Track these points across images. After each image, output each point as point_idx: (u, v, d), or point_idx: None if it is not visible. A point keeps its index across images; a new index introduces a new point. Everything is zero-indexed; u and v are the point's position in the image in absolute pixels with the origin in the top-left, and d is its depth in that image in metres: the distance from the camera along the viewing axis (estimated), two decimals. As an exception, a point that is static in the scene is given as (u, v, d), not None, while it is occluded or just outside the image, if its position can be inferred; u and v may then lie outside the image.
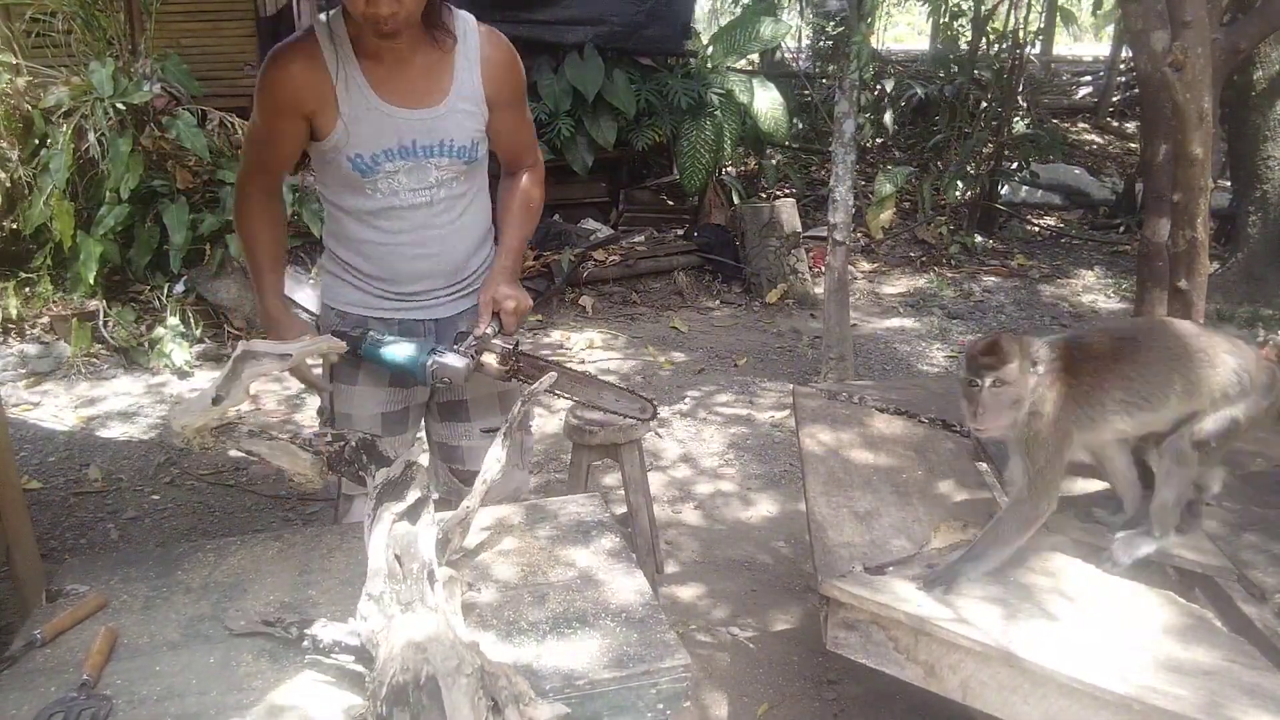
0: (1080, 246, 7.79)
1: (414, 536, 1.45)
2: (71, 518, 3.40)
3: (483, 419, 2.13)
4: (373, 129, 1.80)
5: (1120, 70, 10.94)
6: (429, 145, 1.83)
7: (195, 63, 5.98)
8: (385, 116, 1.79)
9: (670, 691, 1.37)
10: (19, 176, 4.89)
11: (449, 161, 1.86)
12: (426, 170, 1.85)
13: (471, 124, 1.86)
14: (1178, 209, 1.97)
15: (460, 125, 1.84)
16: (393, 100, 1.79)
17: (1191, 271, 2.01)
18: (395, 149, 1.81)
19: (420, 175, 1.85)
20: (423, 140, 1.82)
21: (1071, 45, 16.63)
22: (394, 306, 1.99)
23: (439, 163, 1.85)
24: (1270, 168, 5.90)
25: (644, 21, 6.65)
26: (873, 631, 1.65)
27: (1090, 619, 1.58)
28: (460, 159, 1.87)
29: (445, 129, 1.83)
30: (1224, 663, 1.46)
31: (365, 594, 1.35)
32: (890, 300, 6.41)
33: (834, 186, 4.66)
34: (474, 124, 1.87)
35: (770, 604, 2.88)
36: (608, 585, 1.59)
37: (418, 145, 1.82)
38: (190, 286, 5.14)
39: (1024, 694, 1.50)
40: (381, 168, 1.82)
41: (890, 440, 2.34)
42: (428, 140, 1.82)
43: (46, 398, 4.45)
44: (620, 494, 3.17)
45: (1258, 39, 2.27)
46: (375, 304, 1.99)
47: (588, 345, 5.39)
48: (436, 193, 1.88)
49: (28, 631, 1.45)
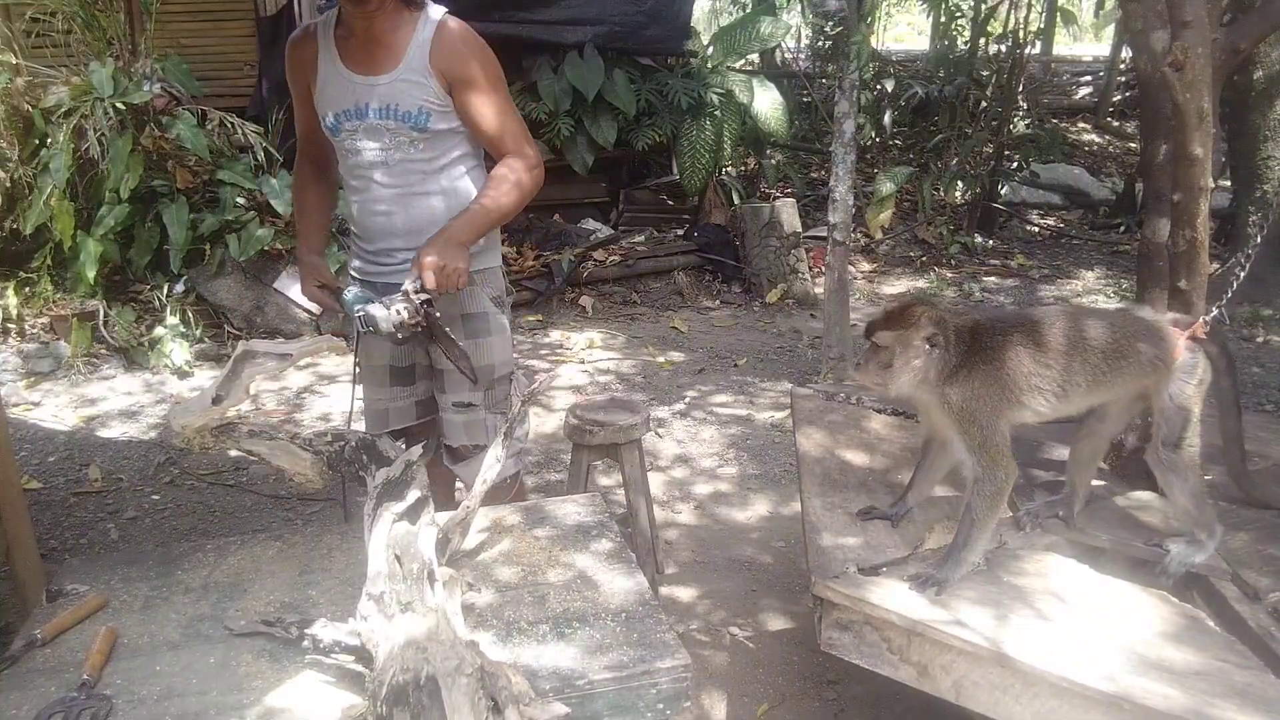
0: (1080, 246, 7.79)
1: (414, 536, 1.45)
2: (71, 518, 3.40)
3: (455, 392, 2.24)
4: (336, 92, 2.06)
5: (1120, 70, 10.94)
6: (378, 108, 2.03)
7: (195, 63, 5.99)
8: (345, 81, 2.05)
9: (670, 691, 1.37)
10: (19, 176, 4.89)
11: (395, 125, 2.04)
12: (379, 132, 2.05)
13: (418, 93, 2.02)
14: (1178, 209, 1.97)
15: (405, 93, 2.02)
16: (353, 68, 2.04)
17: (1191, 271, 2.01)
18: (351, 109, 2.04)
19: (374, 135, 2.06)
20: (373, 104, 2.03)
21: (1071, 45, 16.62)
22: (370, 268, 2.21)
23: (388, 125, 2.04)
24: (1270, 168, 5.90)
25: (644, 21, 6.64)
26: (866, 632, 1.66)
27: (1082, 619, 1.59)
28: (406, 124, 2.04)
29: (392, 95, 2.02)
30: (1216, 662, 1.47)
31: (365, 594, 1.35)
32: (890, 300, 6.41)
33: (834, 186, 4.66)
34: (420, 94, 2.02)
35: (770, 604, 2.88)
36: (607, 585, 1.59)
37: (369, 108, 2.03)
38: (190, 286, 5.14)
39: (1015, 694, 1.50)
40: (343, 128, 2.07)
41: (886, 441, 2.34)
42: (377, 104, 2.03)
43: (46, 398, 4.45)
44: (620, 494, 3.17)
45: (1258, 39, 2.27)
46: (360, 265, 2.24)
47: (588, 345, 5.39)
48: (391, 154, 2.07)
49: (28, 631, 1.46)
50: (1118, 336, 1.75)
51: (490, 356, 2.22)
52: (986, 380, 1.69)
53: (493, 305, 2.23)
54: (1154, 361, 1.75)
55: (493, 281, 2.26)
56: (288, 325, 5.22)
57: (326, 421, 4.24)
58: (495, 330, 2.24)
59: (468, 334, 2.19)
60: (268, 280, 5.24)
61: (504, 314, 2.28)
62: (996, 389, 1.69)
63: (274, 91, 6.29)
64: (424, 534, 1.47)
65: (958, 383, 1.69)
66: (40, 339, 4.90)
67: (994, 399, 1.69)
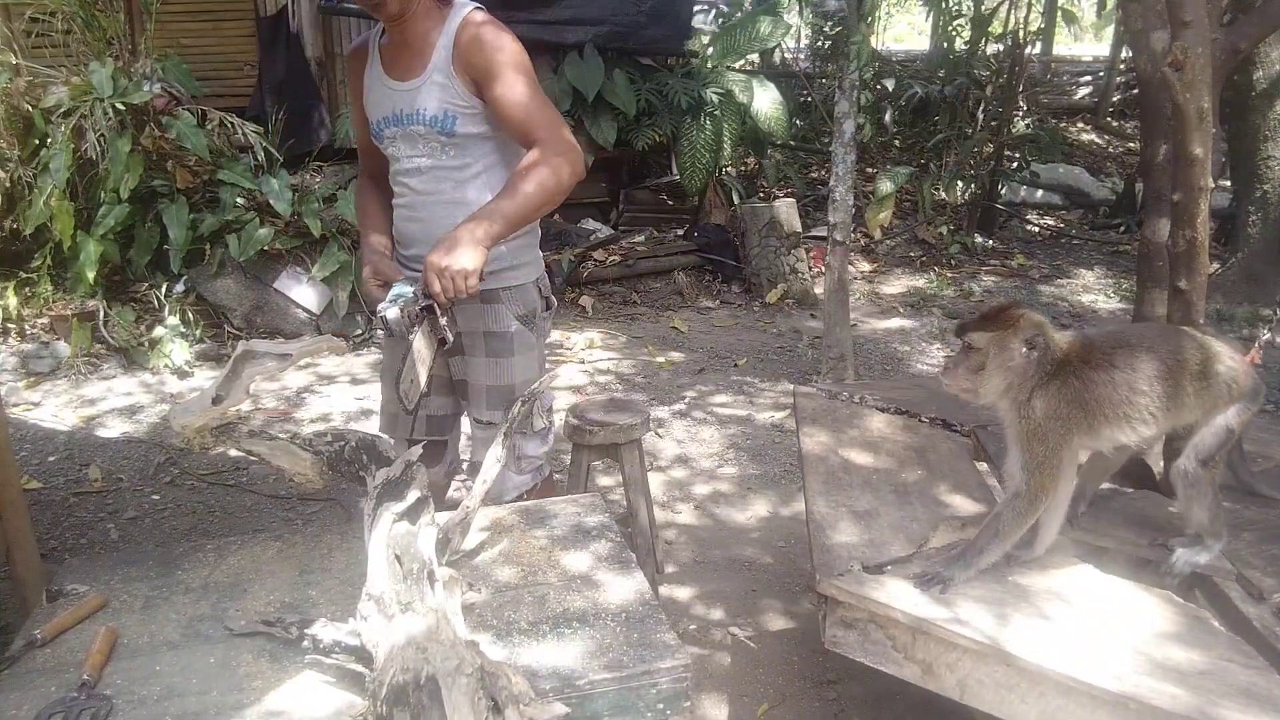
0: (1080, 246, 7.79)
1: (414, 536, 1.45)
2: (71, 518, 3.40)
3: (477, 409, 2.21)
4: (377, 98, 2.08)
5: (1120, 70, 10.94)
6: (410, 114, 2.01)
7: (195, 63, 5.99)
8: (385, 88, 2.05)
9: (670, 691, 1.37)
10: (19, 176, 4.89)
11: (425, 130, 2.01)
12: (414, 138, 2.04)
13: (444, 95, 1.98)
14: (1178, 209, 1.97)
15: (433, 96, 1.99)
16: (391, 74, 2.05)
17: (1191, 271, 2.01)
18: (390, 116, 2.04)
19: (410, 143, 2.05)
20: (405, 109, 2.02)
21: (1071, 45, 16.62)
22: (406, 274, 2.07)
23: (419, 130, 2.02)
24: (1270, 168, 5.90)
25: (645, 21, 6.63)
26: (871, 630, 1.65)
27: (1087, 618, 1.59)
28: (434, 128, 2.00)
29: (421, 100, 2.00)
30: (1221, 662, 1.46)
31: (365, 594, 1.35)
32: (890, 300, 6.40)
33: (834, 186, 4.66)
34: (447, 96, 1.98)
35: (770, 604, 2.87)
36: (607, 585, 1.59)
37: (403, 114, 2.02)
38: (190, 286, 5.14)
39: (1021, 693, 1.50)
40: (384, 134, 2.07)
41: (890, 440, 2.34)
42: (409, 109, 2.01)
43: (46, 398, 4.45)
44: (620, 494, 3.17)
45: (1258, 39, 2.27)
46: (403, 271, 2.09)
47: (588, 345, 5.39)
48: (424, 161, 2.05)
49: (28, 631, 1.45)
50: (1205, 361, 1.69)
51: (511, 377, 2.14)
52: (1072, 400, 1.62)
53: (518, 324, 2.14)
54: (1229, 385, 1.71)
55: (522, 299, 2.15)
56: (288, 325, 5.22)
57: (326, 421, 4.23)
58: (520, 350, 2.14)
59: (489, 352, 2.13)
60: (268, 280, 5.23)
61: (534, 332, 2.18)
62: (1080, 412, 1.63)
63: (272, 91, 6.29)
64: (424, 534, 1.47)
65: (1043, 395, 1.62)
66: (40, 339, 4.90)
67: (1073, 421, 1.63)
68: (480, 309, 2.10)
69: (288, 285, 5.24)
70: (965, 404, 1.80)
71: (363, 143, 2.24)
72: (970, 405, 1.80)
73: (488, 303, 2.10)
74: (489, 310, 2.10)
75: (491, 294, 2.09)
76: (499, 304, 2.11)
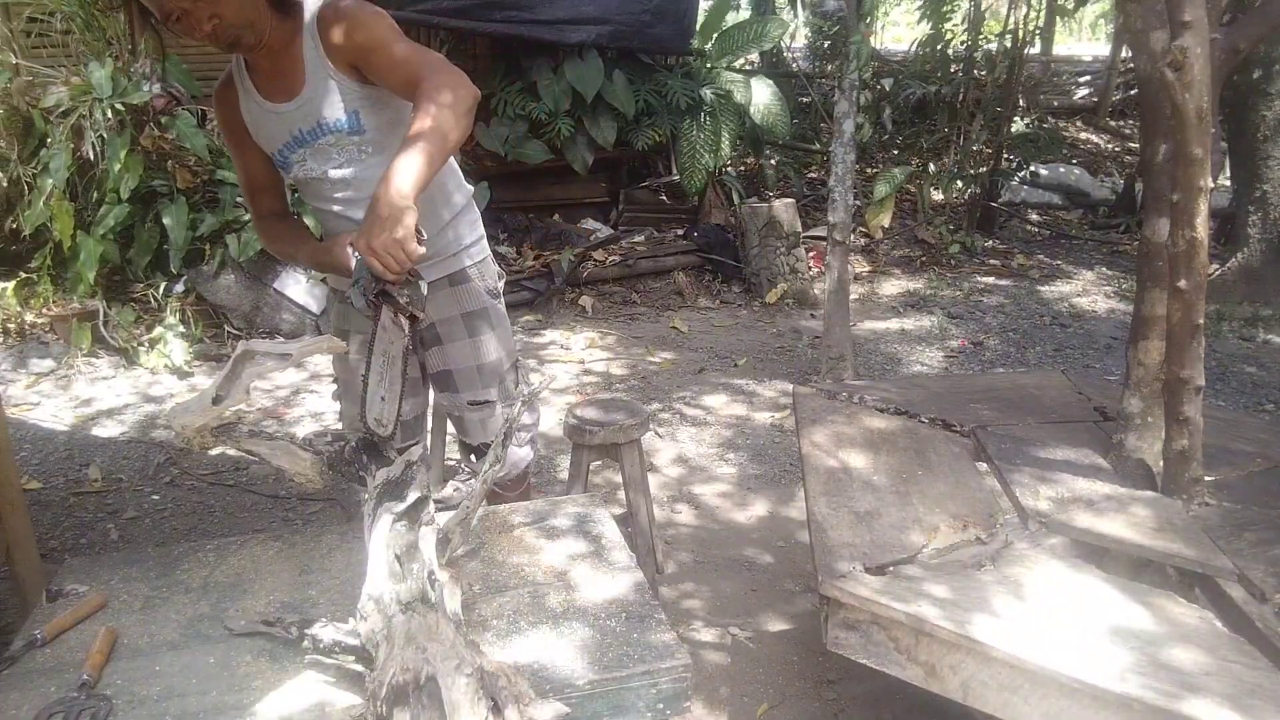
0: (1080, 246, 7.79)
1: (414, 536, 1.45)
2: (71, 518, 3.39)
3: (469, 391, 2.19)
4: (269, 129, 1.95)
5: (1120, 70, 10.94)
6: (311, 129, 1.91)
7: (195, 63, 5.98)
8: (273, 115, 1.93)
9: (670, 691, 1.37)
10: (19, 176, 4.89)
11: (335, 137, 1.92)
12: (326, 151, 1.94)
13: (336, 98, 1.88)
14: (1177, 209, 1.96)
15: (327, 102, 1.89)
16: (273, 99, 1.92)
17: (1191, 271, 2.01)
18: (291, 140, 1.93)
19: (324, 157, 1.94)
20: (304, 126, 1.91)
21: (1071, 45, 16.63)
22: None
23: (328, 141, 1.92)
24: (1270, 168, 5.91)
25: (650, 20, 6.60)
26: (873, 632, 1.65)
27: (1089, 620, 1.58)
28: (343, 132, 1.91)
29: (315, 111, 1.90)
30: (1224, 663, 1.46)
31: (365, 594, 1.35)
32: (890, 300, 6.40)
33: (833, 186, 4.66)
34: (339, 97, 1.88)
35: (770, 604, 2.87)
36: (607, 585, 1.59)
37: (304, 132, 1.92)
38: (190, 286, 5.14)
39: (1024, 694, 1.50)
40: (291, 159, 1.96)
41: (890, 440, 2.34)
42: (308, 124, 1.91)
43: (46, 398, 4.44)
44: (620, 494, 3.17)
45: (1258, 39, 2.26)
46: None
47: (587, 345, 5.39)
48: (347, 171, 1.95)
49: (28, 631, 1.45)
50: None
51: (492, 353, 2.18)
52: None
53: (489, 298, 2.17)
54: None
55: (488, 272, 2.17)
56: (287, 325, 5.22)
57: (318, 421, 4.23)
58: (496, 323, 2.18)
59: (470, 332, 2.15)
60: (267, 280, 5.23)
61: (501, 302, 2.21)
62: None
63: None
64: (424, 534, 1.47)
65: None
66: (40, 339, 4.90)
67: None
68: (452, 292, 2.12)
69: (287, 285, 5.24)
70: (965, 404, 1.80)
71: (252, 182, 2.08)
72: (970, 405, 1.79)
73: (458, 284, 2.12)
74: (462, 290, 2.11)
75: (460, 274, 2.12)
76: (469, 282, 2.12)
